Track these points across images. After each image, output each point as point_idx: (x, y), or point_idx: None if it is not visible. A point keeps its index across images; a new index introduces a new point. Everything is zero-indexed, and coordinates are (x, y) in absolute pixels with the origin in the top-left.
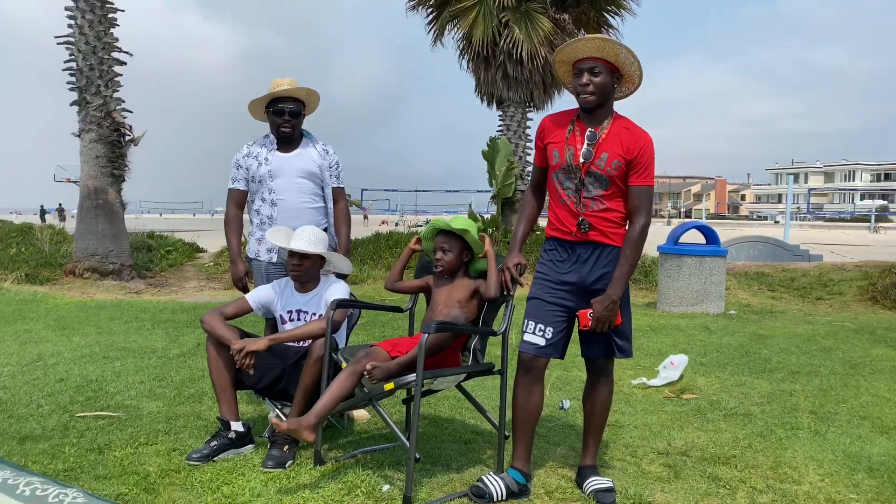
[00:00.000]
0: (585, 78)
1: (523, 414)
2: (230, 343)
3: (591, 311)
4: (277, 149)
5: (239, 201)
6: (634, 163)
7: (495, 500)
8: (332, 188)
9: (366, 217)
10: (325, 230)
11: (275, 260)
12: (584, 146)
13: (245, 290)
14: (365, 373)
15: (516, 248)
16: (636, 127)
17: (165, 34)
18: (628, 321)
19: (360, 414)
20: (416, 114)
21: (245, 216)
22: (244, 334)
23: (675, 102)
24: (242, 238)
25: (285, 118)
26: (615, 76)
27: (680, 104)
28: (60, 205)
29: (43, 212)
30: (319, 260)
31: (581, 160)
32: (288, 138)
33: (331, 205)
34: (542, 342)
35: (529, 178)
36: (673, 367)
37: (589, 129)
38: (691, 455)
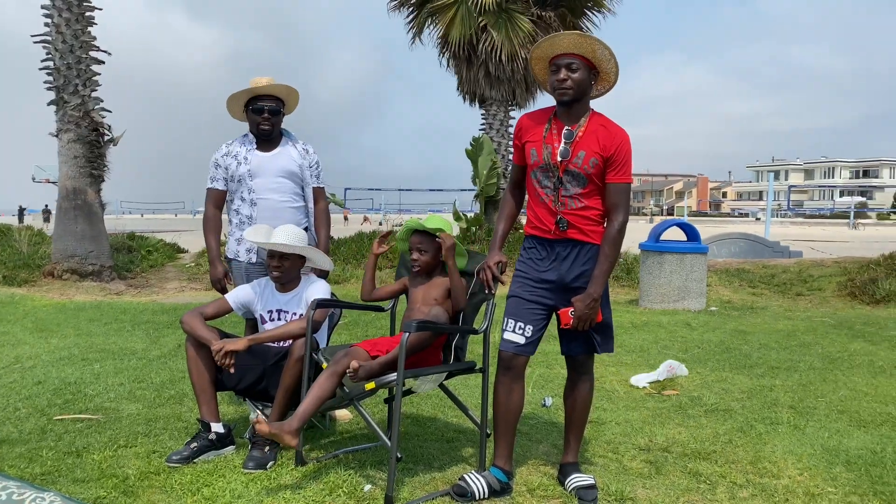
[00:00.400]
0: (563, 73)
1: (504, 412)
2: (210, 343)
3: (572, 309)
4: (257, 148)
5: (217, 201)
6: (612, 160)
7: (477, 498)
8: (313, 188)
9: (346, 217)
10: (306, 229)
11: (254, 260)
12: (562, 144)
13: (224, 291)
14: (348, 372)
15: (497, 246)
16: (613, 124)
17: (149, 34)
18: (608, 317)
19: (343, 414)
20: (399, 113)
21: (224, 216)
22: (224, 335)
23: (656, 100)
24: (222, 238)
25: (265, 116)
26: (592, 73)
27: (661, 102)
28: (46, 206)
29: (21, 212)
30: (300, 260)
31: (558, 158)
32: (267, 137)
33: (311, 205)
34: (521, 340)
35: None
36: (670, 370)
37: (566, 127)
38: (672, 451)
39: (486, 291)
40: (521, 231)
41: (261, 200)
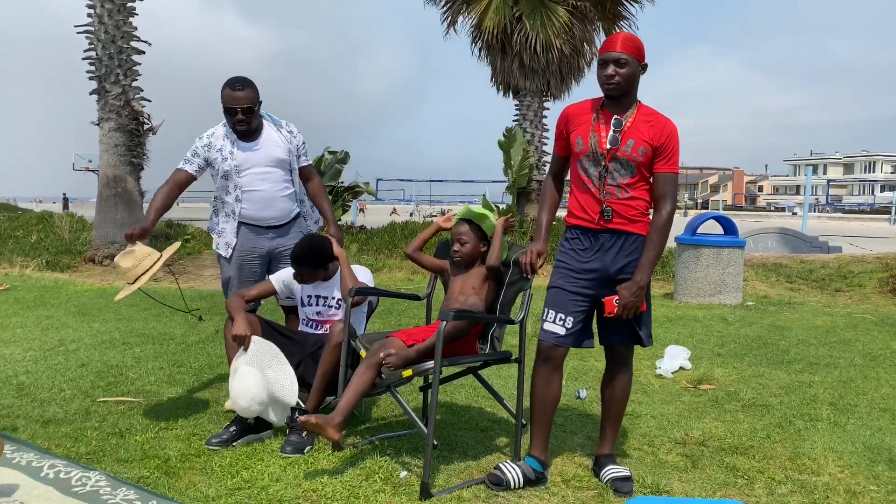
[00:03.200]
0: (611, 69)
1: (541, 403)
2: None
3: (616, 297)
4: (240, 139)
5: (179, 182)
6: (661, 150)
7: (512, 487)
8: (302, 168)
9: (362, 210)
10: (298, 216)
11: (246, 247)
12: (611, 132)
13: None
14: (383, 362)
15: (542, 237)
16: (661, 115)
17: (203, 33)
18: (649, 309)
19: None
20: (434, 107)
21: (205, 204)
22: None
23: (689, 93)
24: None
25: (238, 118)
26: (641, 66)
27: (693, 95)
28: (65, 194)
29: (66, 200)
30: (318, 271)
31: (607, 146)
32: (246, 133)
33: (300, 188)
34: (562, 331)
35: (548, 168)
36: (673, 358)
37: (615, 115)
38: (709, 445)
39: (523, 275)
40: (554, 223)
41: (247, 195)
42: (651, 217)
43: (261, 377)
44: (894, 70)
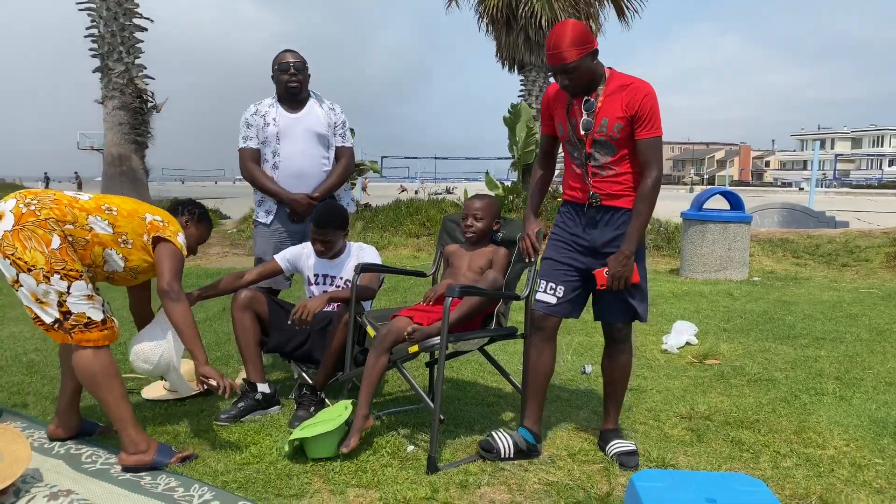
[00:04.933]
0: (561, 80)
1: (534, 373)
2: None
3: (606, 269)
4: (284, 109)
5: (254, 158)
6: (637, 117)
7: (502, 456)
8: (339, 148)
9: (364, 189)
10: (331, 196)
11: (269, 221)
12: (583, 117)
13: (313, 205)
14: (406, 336)
15: (532, 215)
16: (633, 80)
17: (218, 17)
18: (645, 282)
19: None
20: (439, 84)
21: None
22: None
23: (694, 71)
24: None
25: (291, 73)
26: (590, 55)
27: (698, 73)
28: (76, 173)
29: (80, 181)
30: (342, 231)
31: (582, 132)
32: (296, 95)
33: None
34: (553, 300)
35: (538, 146)
36: (680, 333)
37: (585, 97)
38: (714, 419)
39: (527, 260)
40: (559, 200)
41: (283, 164)
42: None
43: (163, 341)
44: None
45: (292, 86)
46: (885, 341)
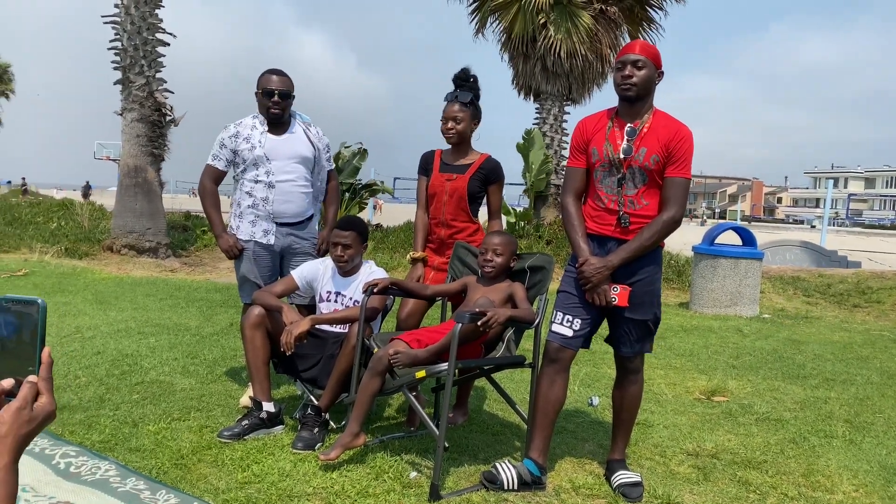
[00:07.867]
0: (628, 70)
1: (544, 404)
2: (280, 309)
3: (627, 288)
4: (269, 131)
5: (216, 178)
6: (672, 155)
7: (506, 487)
8: (329, 171)
9: (377, 207)
10: (312, 217)
11: (272, 241)
12: (624, 141)
13: (238, 256)
14: (391, 360)
15: (585, 252)
16: (676, 121)
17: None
18: (656, 315)
19: (244, 401)
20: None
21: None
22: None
23: (706, 102)
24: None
25: (275, 100)
26: (657, 72)
27: (711, 105)
28: (87, 182)
29: (87, 188)
30: (361, 246)
31: (621, 156)
32: (277, 120)
33: (320, 192)
34: (569, 333)
35: (563, 184)
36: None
37: (628, 124)
38: (721, 458)
39: (606, 303)
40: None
41: (279, 183)
42: None
43: None
44: None
45: (274, 112)
46: None
